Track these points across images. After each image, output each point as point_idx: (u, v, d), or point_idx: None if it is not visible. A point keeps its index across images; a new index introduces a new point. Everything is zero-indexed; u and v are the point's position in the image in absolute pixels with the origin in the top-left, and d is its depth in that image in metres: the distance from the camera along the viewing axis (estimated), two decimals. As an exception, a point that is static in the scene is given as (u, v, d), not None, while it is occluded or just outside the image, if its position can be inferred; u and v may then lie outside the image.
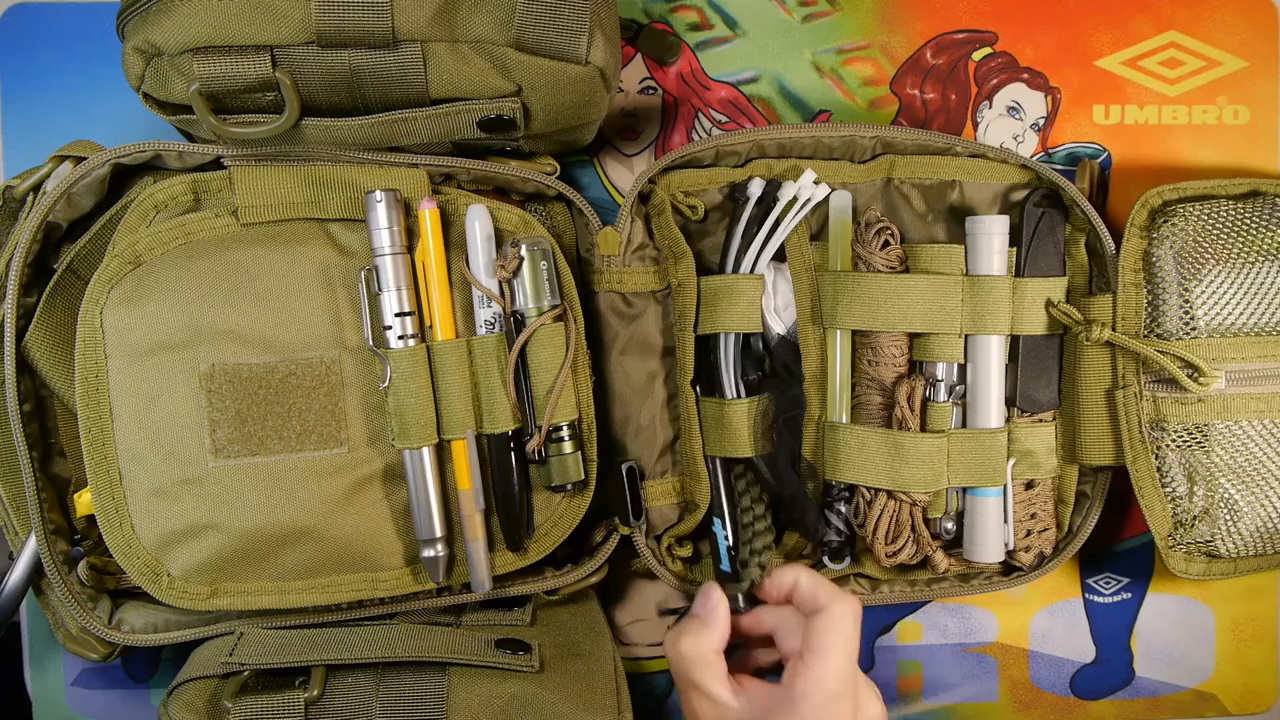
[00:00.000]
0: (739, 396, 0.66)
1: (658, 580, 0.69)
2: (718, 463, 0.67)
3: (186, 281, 0.60)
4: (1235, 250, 0.65)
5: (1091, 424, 0.67)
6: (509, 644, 0.61)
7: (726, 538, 0.66)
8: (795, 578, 0.62)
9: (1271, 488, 0.65)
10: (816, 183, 0.66)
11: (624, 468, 0.67)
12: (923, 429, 0.66)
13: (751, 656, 0.66)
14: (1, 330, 0.61)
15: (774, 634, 0.64)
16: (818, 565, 0.69)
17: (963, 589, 0.68)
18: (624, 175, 0.72)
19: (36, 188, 0.62)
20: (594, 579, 0.67)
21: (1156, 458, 0.66)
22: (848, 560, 0.68)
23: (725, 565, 0.66)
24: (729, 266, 0.66)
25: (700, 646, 0.60)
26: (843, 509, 0.68)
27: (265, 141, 0.59)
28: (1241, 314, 0.65)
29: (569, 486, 0.63)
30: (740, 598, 0.64)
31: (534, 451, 0.63)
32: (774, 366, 0.68)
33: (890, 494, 0.66)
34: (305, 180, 0.61)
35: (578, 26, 0.57)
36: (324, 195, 0.61)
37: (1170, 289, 0.65)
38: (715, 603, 0.62)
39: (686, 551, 0.69)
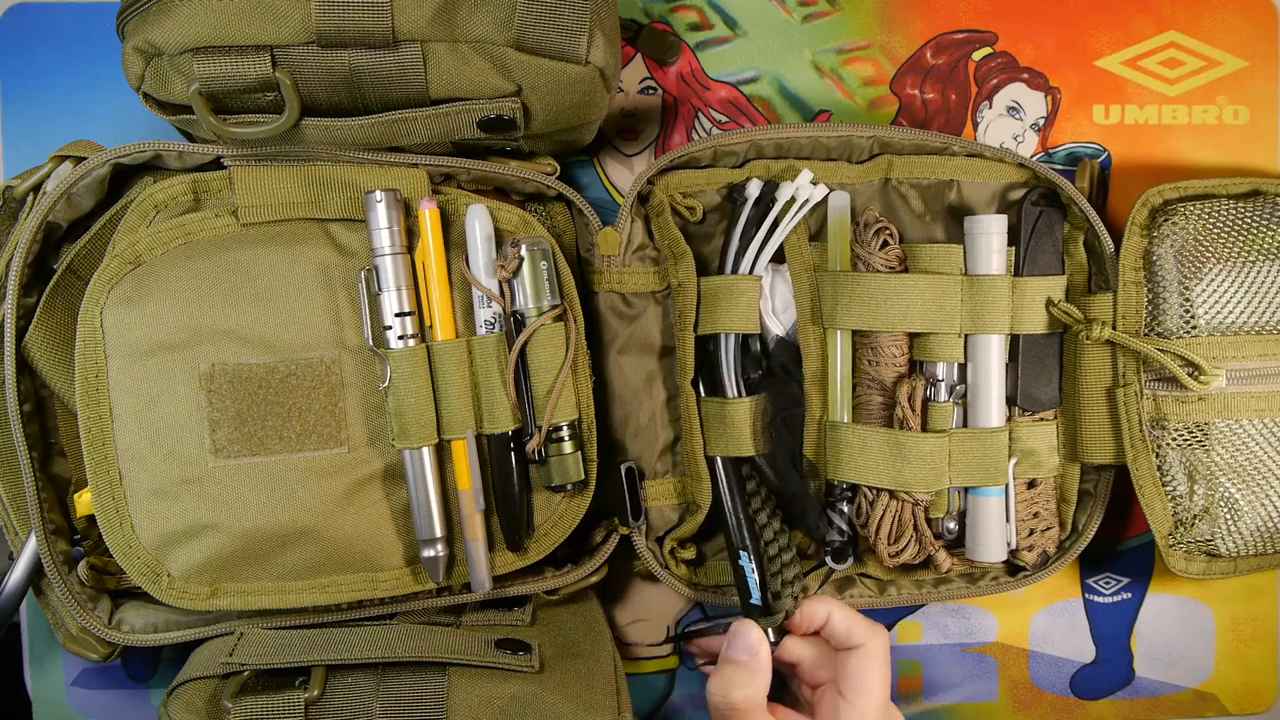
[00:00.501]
0: (740, 396, 0.66)
1: (659, 582, 0.69)
2: (725, 472, 0.67)
3: (186, 281, 0.60)
4: (1236, 249, 0.65)
5: (1092, 422, 0.67)
6: (509, 644, 0.61)
7: (754, 571, 0.65)
8: (828, 613, 0.63)
9: (1272, 486, 0.65)
10: (814, 183, 0.66)
11: (623, 468, 0.67)
12: (924, 429, 0.66)
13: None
14: (1, 330, 0.61)
15: (799, 664, 0.64)
16: (821, 566, 0.69)
17: (970, 590, 0.68)
18: (624, 175, 0.72)
19: (36, 188, 0.62)
20: (594, 579, 0.67)
21: (1157, 456, 0.66)
22: (851, 560, 0.68)
23: (756, 598, 0.65)
24: (728, 268, 0.66)
25: (753, 697, 0.60)
26: (845, 509, 0.67)
27: (265, 141, 0.59)
28: (1242, 313, 0.65)
29: (569, 486, 0.63)
30: (771, 631, 0.64)
31: (534, 451, 0.63)
32: (772, 366, 0.68)
33: (892, 494, 0.66)
34: (305, 180, 0.61)
35: (578, 26, 0.57)
36: (324, 195, 0.61)
37: (1171, 287, 0.65)
38: (757, 645, 0.62)
39: (690, 554, 0.69)
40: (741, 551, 0.65)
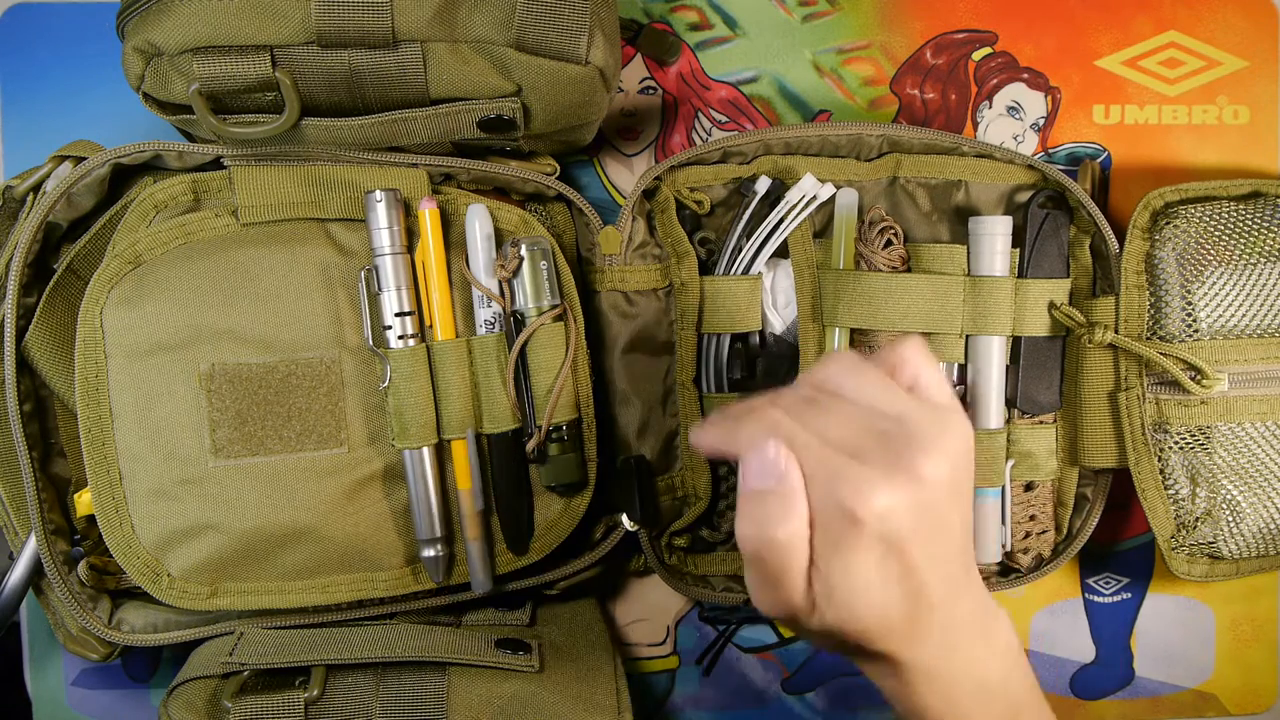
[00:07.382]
0: (721, 392, 0.67)
1: (658, 581, 0.69)
2: None
3: (186, 282, 0.60)
4: (1237, 252, 0.65)
5: (1094, 426, 0.67)
6: (509, 644, 0.61)
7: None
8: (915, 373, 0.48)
9: (1274, 488, 0.65)
10: (821, 181, 0.66)
11: (634, 460, 0.67)
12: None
13: None
14: (1, 330, 0.61)
15: None
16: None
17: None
18: (624, 175, 0.72)
19: (36, 188, 0.62)
20: (590, 572, 0.67)
21: (1159, 459, 0.66)
22: None
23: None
24: (725, 259, 0.66)
25: (798, 531, 0.45)
26: None
27: (265, 141, 0.59)
28: (1244, 316, 0.64)
29: (569, 486, 0.63)
30: None
31: (534, 451, 0.63)
32: (766, 365, 0.68)
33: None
34: (305, 180, 0.61)
35: (578, 26, 0.57)
36: (324, 195, 0.61)
37: (1173, 291, 0.65)
38: (785, 467, 0.45)
39: (684, 542, 0.69)
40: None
